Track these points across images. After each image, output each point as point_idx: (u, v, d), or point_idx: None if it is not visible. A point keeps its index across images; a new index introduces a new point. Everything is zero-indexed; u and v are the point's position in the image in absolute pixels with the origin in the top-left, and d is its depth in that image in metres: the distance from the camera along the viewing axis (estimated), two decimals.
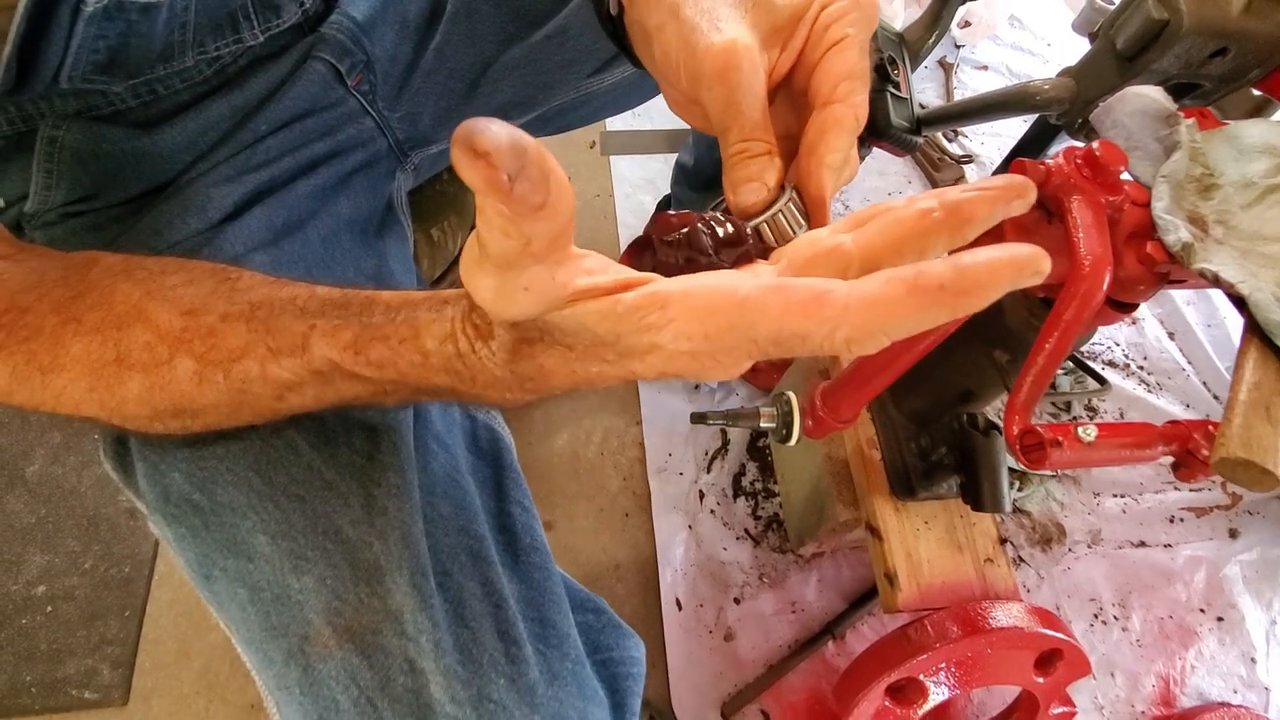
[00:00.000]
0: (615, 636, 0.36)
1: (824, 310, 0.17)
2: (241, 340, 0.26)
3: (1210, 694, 0.73)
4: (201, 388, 0.26)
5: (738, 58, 0.24)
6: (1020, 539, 0.80)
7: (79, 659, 0.72)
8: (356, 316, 0.25)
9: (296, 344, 0.25)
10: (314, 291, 0.27)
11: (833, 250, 0.20)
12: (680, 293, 0.19)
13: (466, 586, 0.30)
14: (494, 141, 0.15)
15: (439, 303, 0.24)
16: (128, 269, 0.28)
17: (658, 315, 0.19)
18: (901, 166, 1.09)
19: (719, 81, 0.25)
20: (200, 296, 0.27)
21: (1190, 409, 0.89)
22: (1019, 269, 0.16)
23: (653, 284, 0.20)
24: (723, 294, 0.18)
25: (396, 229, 0.46)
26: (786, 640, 0.73)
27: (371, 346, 0.24)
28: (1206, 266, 0.35)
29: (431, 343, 0.23)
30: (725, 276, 0.20)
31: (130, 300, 0.26)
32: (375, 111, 0.45)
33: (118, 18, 0.30)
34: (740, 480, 0.82)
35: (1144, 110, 0.41)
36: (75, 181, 0.36)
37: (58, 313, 0.26)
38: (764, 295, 0.18)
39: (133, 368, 0.26)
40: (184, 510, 0.31)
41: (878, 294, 0.16)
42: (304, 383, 0.26)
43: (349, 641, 0.27)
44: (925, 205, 0.19)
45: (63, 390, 0.26)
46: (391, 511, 0.30)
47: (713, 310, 0.18)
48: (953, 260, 0.16)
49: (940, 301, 0.16)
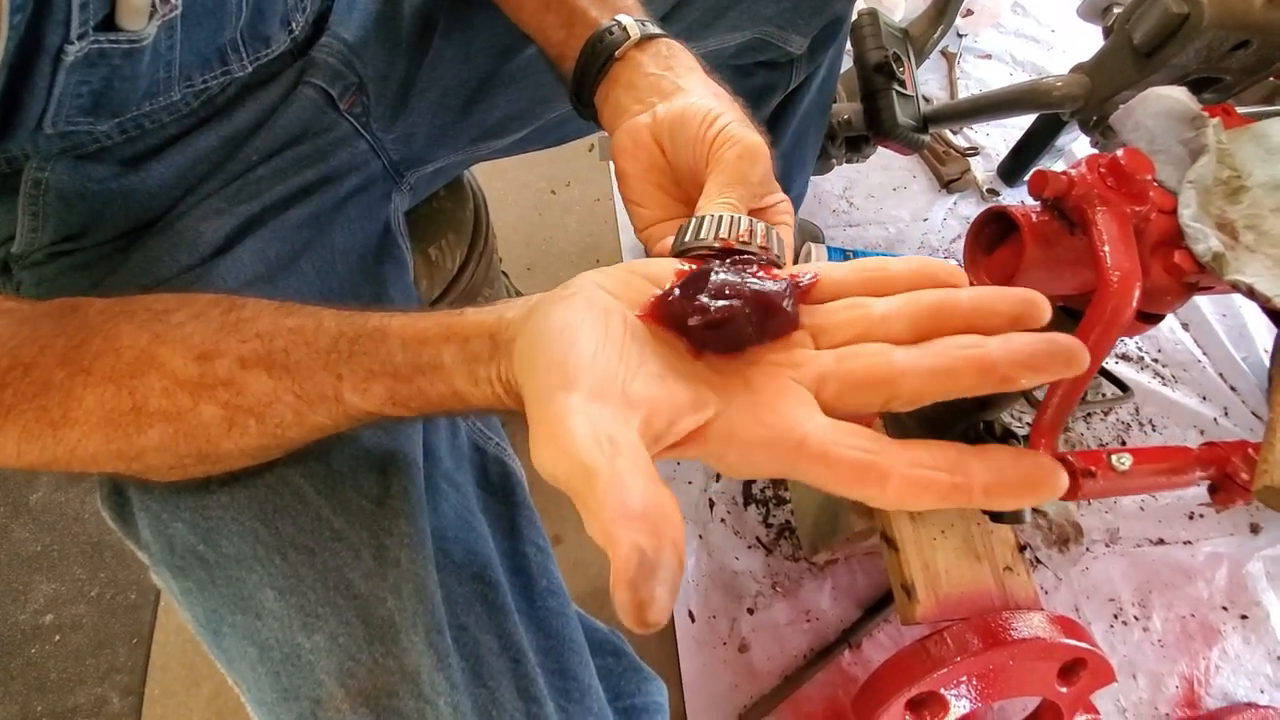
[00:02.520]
0: (636, 681, 0.35)
1: (865, 488, 0.19)
2: (268, 389, 0.26)
3: (1236, 694, 0.72)
4: (231, 433, 0.26)
5: (767, 158, 0.30)
6: (1037, 540, 0.79)
7: (88, 688, 0.72)
8: (376, 360, 0.26)
9: (327, 394, 0.26)
10: (320, 323, 0.27)
11: (884, 382, 0.22)
12: (738, 445, 0.21)
13: (483, 641, 0.29)
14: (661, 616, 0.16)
15: (462, 349, 0.25)
16: (127, 310, 0.27)
17: (715, 460, 0.22)
18: (905, 161, 1.07)
19: (750, 159, 0.29)
20: (209, 335, 0.26)
21: (1207, 401, 0.88)
22: (1039, 496, 0.19)
23: (713, 431, 0.21)
24: (776, 449, 0.20)
25: (395, 253, 0.45)
26: (802, 650, 0.72)
27: (411, 400, 0.26)
28: (1240, 279, 0.33)
29: (477, 401, 0.25)
30: (778, 412, 0.21)
31: (137, 345, 0.26)
32: (369, 133, 0.43)
33: (100, 64, 0.29)
34: (750, 488, 0.81)
35: (1167, 112, 0.39)
36: (62, 221, 0.34)
37: (63, 365, 0.25)
38: (813, 461, 0.20)
39: (153, 416, 0.25)
40: (189, 562, 0.30)
41: (915, 492, 0.19)
42: (339, 425, 0.27)
43: (363, 705, 0.26)
44: (984, 358, 0.20)
45: (77, 444, 0.25)
46: (404, 563, 0.28)
47: (764, 462, 0.21)
48: (986, 483, 0.19)
49: (971, 499, 0.19)
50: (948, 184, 1.05)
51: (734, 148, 0.29)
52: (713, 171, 0.30)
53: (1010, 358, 0.20)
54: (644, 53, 0.34)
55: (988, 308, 0.22)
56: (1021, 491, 0.19)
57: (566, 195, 1.06)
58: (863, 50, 0.72)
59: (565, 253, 1.01)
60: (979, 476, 0.19)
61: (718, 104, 0.31)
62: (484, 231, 0.60)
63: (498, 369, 0.24)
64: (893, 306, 0.23)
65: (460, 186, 0.59)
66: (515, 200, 1.05)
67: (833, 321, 0.24)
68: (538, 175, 1.07)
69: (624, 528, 0.17)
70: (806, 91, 0.63)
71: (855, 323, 0.24)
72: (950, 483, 0.19)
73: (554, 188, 1.06)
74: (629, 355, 0.22)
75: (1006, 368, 0.20)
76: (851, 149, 0.79)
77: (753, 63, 0.56)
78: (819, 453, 0.20)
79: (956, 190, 1.05)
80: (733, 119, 0.30)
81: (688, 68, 0.34)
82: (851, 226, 1.02)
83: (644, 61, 0.34)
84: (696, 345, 0.23)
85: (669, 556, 0.16)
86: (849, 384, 0.22)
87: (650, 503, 0.17)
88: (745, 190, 0.29)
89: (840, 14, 0.56)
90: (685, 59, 0.34)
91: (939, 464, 0.19)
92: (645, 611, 0.16)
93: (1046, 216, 0.39)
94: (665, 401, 0.21)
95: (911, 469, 0.19)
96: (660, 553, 0.16)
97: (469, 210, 0.58)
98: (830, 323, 0.24)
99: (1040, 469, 0.19)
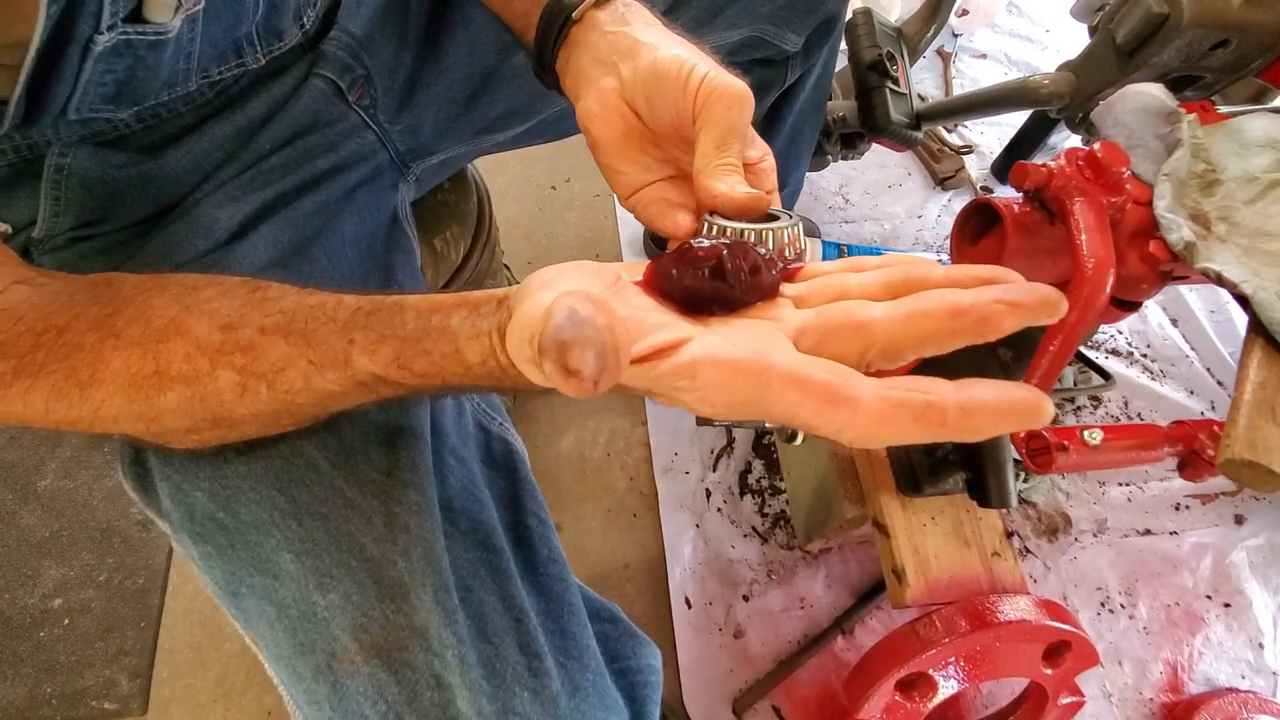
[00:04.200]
0: (632, 645, 0.36)
1: (836, 412, 0.19)
2: (282, 353, 0.26)
3: (1218, 680, 0.73)
4: (244, 398, 0.27)
5: (752, 103, 0.29)
6: (1026, 530, 0.81)
7: (97, 670, 0.73)
8: (389, 326, 0.26)
9: (338, 358, 0.26)
10: (341, 300, 0.28)
11: (860, 327, 0.22)
12: (709, 363, 0.20)
13: (488, 601, 0.30)
14: (584, 362, 0.17)
15: (472, 313, 0.25)
16: (160, 284, 0.28)
17: (686, 383, 0.21)
18: (901, 159, 1.08)
19: (739, 107, 0.28)
20: (235, 309, 0.27)
21: (1194, 395, 0.89)
22: (1020, 420, 0.18)
23: (686, 350, 0.21)
24: (746, 370, 0.20)
25: (403, 241, 0.46)
26: (796, 636, 0.74)
27: (414, 361, 0.26)
28: (1209, 266, 0.35)
29: (473, 358, 0.25)
30: (754, 341, 0.22)
31: (168, 314, 0.27)
32: (376, 125, 0.45)
33: (126, 54, 0.30)
34: (746, 478, 0.83)
35: (1145, 108, 0.41)
36: (83, 207, 0.36)
37: (96, 329, 0.27)
38: (784, 384, 0.19)
39: (173, 380, 0.26)
40: (209, 529, 0.31)
41: (887, 413, 0.18)
42: (347, 392, 0.27)
43: (376, 658, 0.28)
44: (958, 302, 0.20)
45: (101, 404, 0.26)
46: (413, 528, 0.30)
47: (735, 385, 0.20)
48: (962, 400, 0.18)
49: (939, 431, 0.18)
50: (942, 181, 1.06)
51: (721, 99, 0.28)
52: (703, 127, 0.29)
53: (985, 297, 0.20)
54: (602, 10, 0.33)
55: (960, 274, 0.22)
56: (1001, 415, 0.18)
57: (567, 191, 1.07)
58: (857, 48, 0.74)
59: (566, 247, 1.02)
60: (954, 396, 0.18)
61: (688, 53, 0.30)
62: (487, 224, 0.62)
63: (498, 320, 0.24)
64: (869, 276, 0.24)
65: (464, 180, 0.60)
66: (517, 195, 1.07)
67: (812, 289, 0.25)
68: (539, 171, 1.08)
69: (564, 297, 0.17)
70: (802, 89, 0.64)
71: (833, 288, 0.25)
72: (924, 400, 0.18)
73: (554, 183, 1.08)
74: (617, 292, 0.23)
75: (982, 307, 0.20)
76: (846, 146, 0.81)
77: (749, 60, 0.57)
78: (788, 373, 0.19)
79: (951, 187, 1.06)
80: (709, 67, 0.29)
81: (645, 22, 0.33)
82: (847, 223, 1.03)
83: (601, 19, 0.33)
84: (685, 305, 0.24)
85: (603, 328, 0.17)
86: (826, 331, 0.22)
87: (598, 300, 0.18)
88: (740, 141, 0.29)
89: (835, 12, 0.58)
90: (642, 13, 0.33)
91: (914, 386, 0.19)
92: (567, 353, 0.16)
93: (1028, 207, 0.40)
94: (640, 319, 0.22)
95: (884, 389, 0.19)
96: (592, 316, 0.17)
97: (473, 203, 0.60)
98: (810, 291, 0.25)
99: (1020, 393, 0.18)
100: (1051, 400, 0.18)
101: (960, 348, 0.21)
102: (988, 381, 0.18)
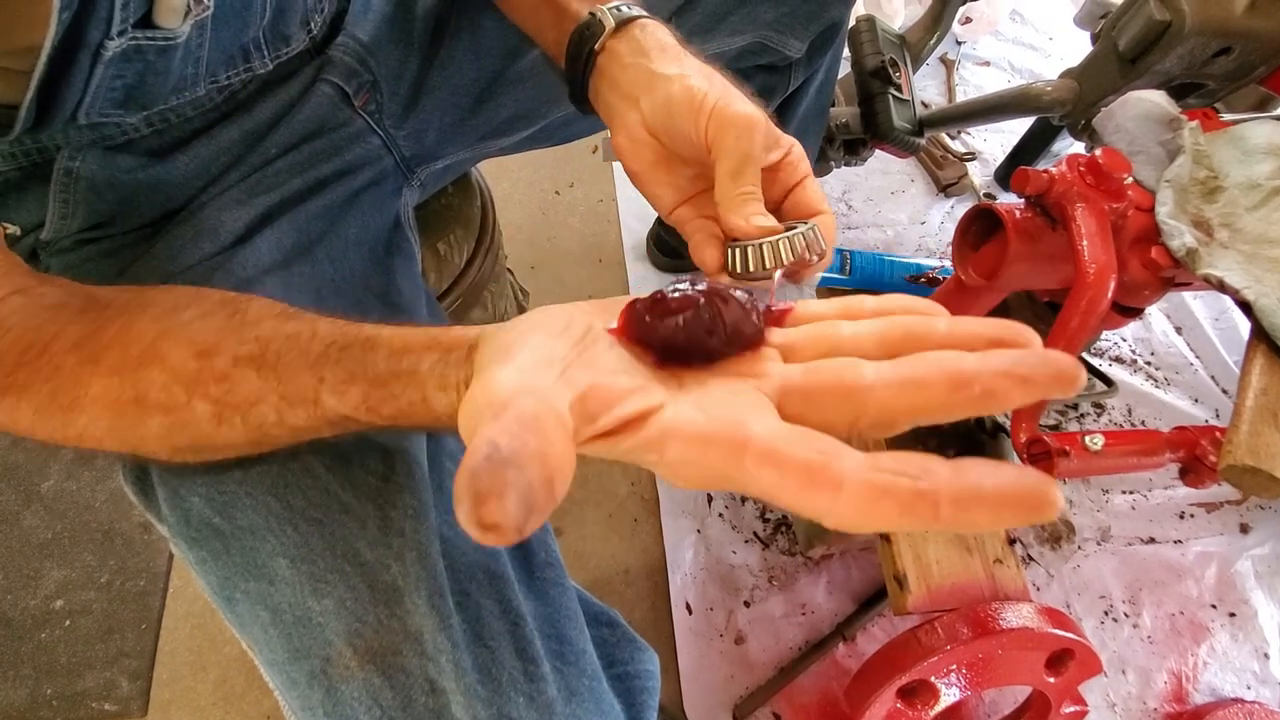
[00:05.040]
0: (630, 650, 0.36)
1: (816, 497, 0.17)
2: (254, 387, 0.26)
3: (1223, 690, 0.73)
4: (221, 428, 0.27)
5: (765, 128, 0.29)
6: (1029, 537, 0.80)
7: (98, 672, 0.73)
8: (360, 365, 0.26)
9: (308, 396, 0.26)
10: (315, 330, 0.27)
11: (851, 393, 0.20)
12: (679, 437, 0.19)
13: (484, 605, 0.30)
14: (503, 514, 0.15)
15: (442, 357, 0.25)
16: (143, 302, 0.28)
17: (655, 457, 0.19)
18: (903, 165, 1.09)
19: (748, 135, 0.29)
20: (212, 333, 0.27)
21: (1199, 403, 0.89)
22: (1025, 515, 0.16)
23: (654, 421, 0.19)
24: (719, 443, 0.18)
25: (404, 246, 0.46)
26: (797, 642, 0.73)
27: (382, 405, 0.25)
28: (1211, 272, 0.35)
29: (441, 409, 0.24)
30: (730, 410, 0.20)
31: (145, 339, 0.27)
32: (382, 130, 0.45)
33: (136, 59, 0.30)
34: None
35: (1146, 114, 0.41)
36: (91, 210, 0.36)
37: (75, 351, 0.27)
38: (759, 461, 0.17)
39: (152, 408, 0.26)
40: (205, 534, 0.31)
41: (872, 501, 0.16)
42: (319, 429, 0.27)
43: (370, 663, 0.27)
44: (959, 372, 0.18)
45: (85, 428, 0.27)
46: (408, 533, 0.30)
47: (706, 461, 0.18)
48: (958, 491, 0.16)
49: (930, 524, 0.16)
50: (945, 188, 1.06)
51: (729, 130, 0.29)
52: (718, 158, 0.29)
53: (990, 368, 0.18)
54: (620, 41, 0.33)
55: (966, 331, 0.20)
56: (1002, 508, 0.15)
57: (570, 196, 1.08)
58: (860, 55, 0.74)
59: (569, 252, 1.02)
60: (949, 485, 0.16)
61: (699, 82, 0.30)
62: (490, 228, 0.62)
63: (466, 374, 0.24)
64: (864, 327, 0.22)
65: (468, 184, 0.60)
66: (520, 200, 1.07)
67: (802, 339, 0.23)
68: (542, 176, 1.09)
69: (488, 426, 0.16)
70: (805, 95, 0.65)
71: (824, 339, 0.23)
72: (913, 489, 0.16)
73: (558, 188, 1.08)
74: (584, 350, 0.21)
75: (987, 378, 0.18)
76: (849, 152, 0.81)
77: (752, 66, 0.58)
78: (765, 450, 0.17)
79: (954, 194, 1.07)
80: (717, 96, 0.29)
81: (660, 48, 0.33)
82: (850, 229, 1.03)
83: (621, 52, 0.33)
84: (660, 356, 0.22)
85: (529, 462, 0.15)
86: (813, 395, 0.20)
87: (530, 419, 0.16)
88: (754, 168, 0.29)
89: (838, 19, 0.58)
90: (656, 38, 0.33)
91: (903, 469, 0.16)
92: (482, 506, 0.15)
93: (1030, 213, 0.40)
94: (607, 388, 0.19)
95: (870, 473, 0.16)
96: (517, 453, 0.15)
97: (476, 207, 0.60)
98: (800, 341, 0.23)
99: (1026, 481, 0.15)
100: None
101: None
102: (989, 464, 0.16)
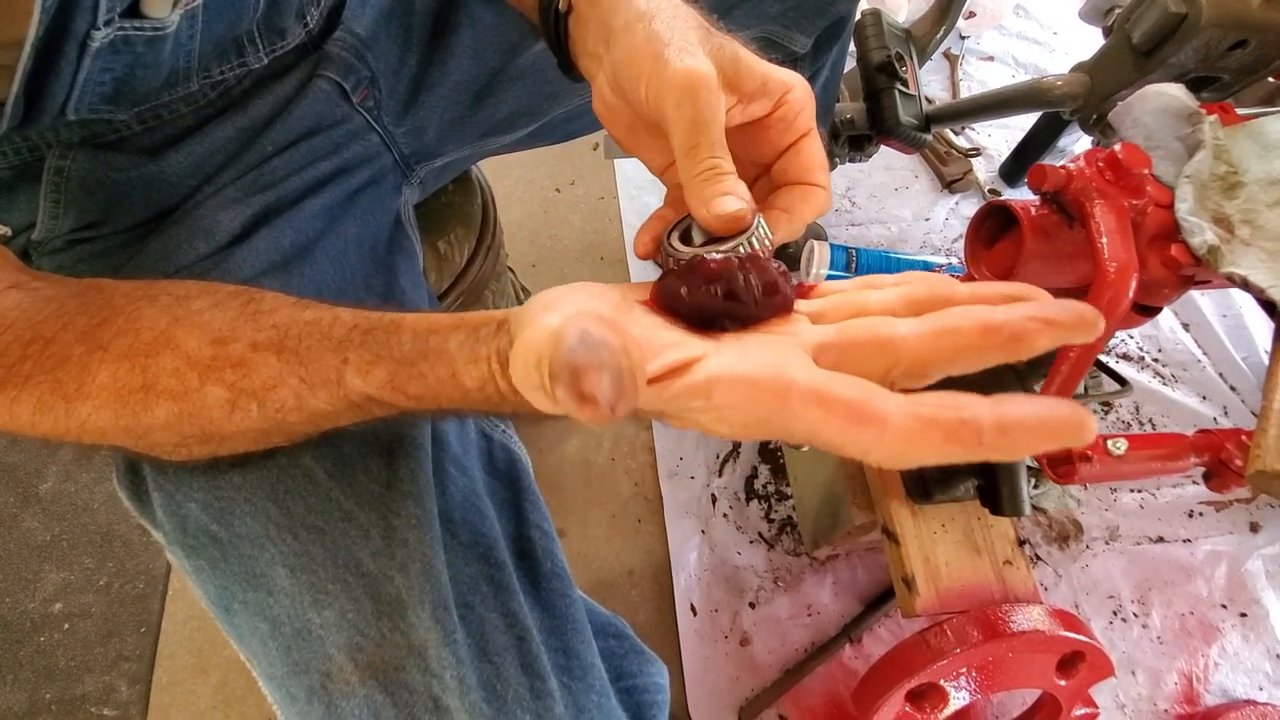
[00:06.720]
0: (638, 663, 0.35)
1: (862, 431, 0.17)
2: (274, 371, 0.26)
3: (1235, 691, 0.72)
4: (234, 415, 0.26)
5: (710, 81, 0.25)
6: (1037, 537, 0.79)
7: (97, 676, 0.73)
8: (385, 347, 0.25)
9: (330, 377, 0.25)
10: (337, 316, 0.27)
11: (885, 344, 0.20)
12: (724, 381, 0.19)
13: (489, 618, 0.29)
14: (599, 387, 0.16)
15: (470, 335, 0.24)
16: (150, 294, 0.27)
17: (701, 403, 0.20)
18: (908, 161, 1.08)
19: (688, 99, 0.25)
20: (227, 322, 0.26)
21: (1207, 400, 0.88)
22: (1062, 439, 0.16)
23: (700, 368, 0.20)
24: (765, 386, 0.19)
25: (405, 244, 0.46)
26: (803, 644, 0.73)
27: (409, 384, 0.25)
28: (1235, 270, 0.34)
29: (471, 383, 0.24)
30: (771, 356, 0.20)
31: (157, 327, 0.26)
32: (380, 126, 0.44)
33: (124, 51, 0.29)
34: (752, 483, 0.82)
35: (1165, 109, 0.40)
36: (83, 209, 0.35)
37: (83, 341, 0.26)
38: (805, 401, 0.18)
39: (160, 395, 0.26)
40: (202, 541, 0.30)
41: (917, 432, 0.17)
42: (340, 412, 0.26)
43: (372, 678, 0.27)
44: (989, 319, 0.19)
45: (88, 418, 0.26)
46: (412, 543, 0.29)
47: (752, 404, 0.19)
48: (999, 417, 0.16)
49: (974, 450, 0.16)
50: (950, 184, 1.05)
51: (666, 97, 0.25)
52: (668, 132, 0.26)
53: (1019, 314, 0.19)
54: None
55: (987, 291, 0.21)
56: (1041, 433, 0.16)
57: (571, 193, 1.07)
58: (866, 50, 0.73)
59: (570, 250, 1.01)
60: (990, 413, 0.17)
61: (645, 42, 0.26)
62: (491, 226, 0.61)
63: (498, 345, 0.24)
64: (889, 293, 0.23)
65: (469, 182, 0.59)
66: (521, 198, 1.06)
67: (830, 306, 0.24)
68: (543, 174, 1.08)
69: (572, 320, 0.16)
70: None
71: (852, 304, 0.24)
72: (957, 418, 0.17)
73: (559, 186, 1.07)
74: (623, 315, 0.22)
75: (1016, 324, 0.18)
76: (854, 148, 0.80)
77: None
78: (810, 389, 0.18)
79: (958, 190, 1.06)
80: (658, 49, 0.26)
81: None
82: (854, 225, 1.02)
83: (583, 8, 0.31)
84: (695, 323, 0.23)
85: (617, 349, 0.16)
86: (848, 348, 0.21)
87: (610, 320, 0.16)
88: (710, 135, 0.25)
89: (844, 14, 0.57)
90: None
91: (944, 403, 0.17)
92: (582, 377, 0.15)
93: (1045, 210, 0.39)
94: (650, 339, 0.20)
95: (914, 406, 0.17)
96: (606, 338, 0.16)
97: (477, 205, 0.59)
98: (828, 308, 0.24)
99: (1062, 410, 0.16)
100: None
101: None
102: (1023, 397, 0.17)
